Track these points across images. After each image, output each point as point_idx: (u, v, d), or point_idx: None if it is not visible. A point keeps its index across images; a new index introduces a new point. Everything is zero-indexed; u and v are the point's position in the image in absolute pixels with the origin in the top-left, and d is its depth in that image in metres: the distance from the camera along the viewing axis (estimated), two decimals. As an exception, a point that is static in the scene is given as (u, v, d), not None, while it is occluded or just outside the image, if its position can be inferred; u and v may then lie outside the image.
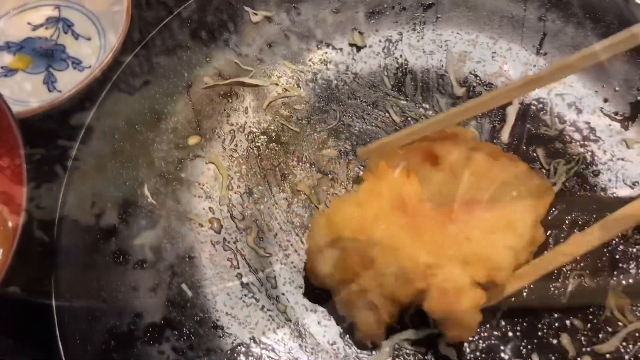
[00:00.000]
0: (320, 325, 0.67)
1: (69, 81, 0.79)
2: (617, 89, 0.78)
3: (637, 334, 0.65)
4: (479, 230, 0.63)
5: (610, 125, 0.77)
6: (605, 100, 0.78)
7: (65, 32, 0.85)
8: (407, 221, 0.63)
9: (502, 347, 0.65)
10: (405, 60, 0.82)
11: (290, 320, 0.67)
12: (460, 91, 0.80)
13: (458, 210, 0.64)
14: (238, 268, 0.70)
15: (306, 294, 0.68)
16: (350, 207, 0.65)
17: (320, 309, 0.68)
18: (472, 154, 0.68)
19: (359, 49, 0.82)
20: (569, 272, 0.68)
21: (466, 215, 0.64)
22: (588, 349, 0.65)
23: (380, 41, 0.83)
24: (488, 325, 0.66)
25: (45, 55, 0.83)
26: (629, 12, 0.78)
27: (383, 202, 0.65)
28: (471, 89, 0.80)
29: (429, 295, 0.61)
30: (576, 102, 0.78)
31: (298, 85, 0.80)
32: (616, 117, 0.77)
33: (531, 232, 0.64)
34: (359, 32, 0.83)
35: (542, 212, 0.67)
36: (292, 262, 0.70)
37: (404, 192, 0.65)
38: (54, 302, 0.63)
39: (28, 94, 0.80)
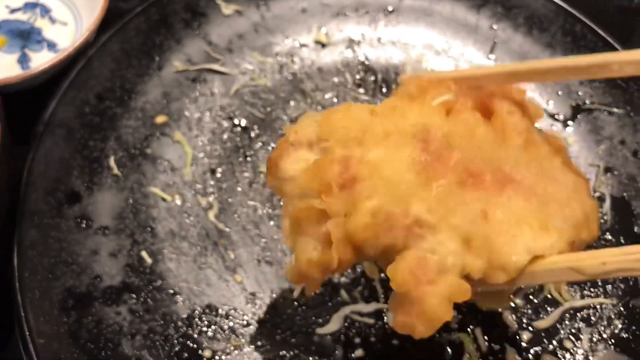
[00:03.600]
0: (276, 298, 0.69)
1: (43, 62, 0.82)
2: (559, 93, 0.85)
3: (571, 311, 0.70)
4: (503, 212, 0.48)
5: (552, 125, 0.83)
6: (548, 103, 0.85)
7: (43, 17, 0.88)
8: (422, 159, 0.49)
9: (448, 322, 0.69)
10: (366, 58, 0.87)
11: (246, 290, 0.70)
12: (416, 88, 0.85)
13: (489, 179, 0.49)
14: (198, 241, 0.73)
15: (262, 268, 0.71)
16: (361, 112, 0.52)
17: (276, 283, 0.70)
18: (533, 133, 0.54)
19: (323, 45, 0.87)
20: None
21: (495, 189, 0.49)
22: (528, 325, 0.69)
23: (343, 40, 0.88)
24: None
25: (21, 37, 0.86)
26: (571, 23, 0.86)
27: (404, 124, 0.51)
28: (427, 87, 0.85)
29: (401, 258, 0.48)
30: (523, 102, 0.84)
31: (264, 76, 0.84)
32: (557, 118, 0.84)
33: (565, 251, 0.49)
34: (324, 31, 0.88)
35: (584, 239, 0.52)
36: (250, 237, 0.73)
37: (435, 126, 0.51)
38: (15, 258, 0.64)
39: (1, 71, 0.82)
